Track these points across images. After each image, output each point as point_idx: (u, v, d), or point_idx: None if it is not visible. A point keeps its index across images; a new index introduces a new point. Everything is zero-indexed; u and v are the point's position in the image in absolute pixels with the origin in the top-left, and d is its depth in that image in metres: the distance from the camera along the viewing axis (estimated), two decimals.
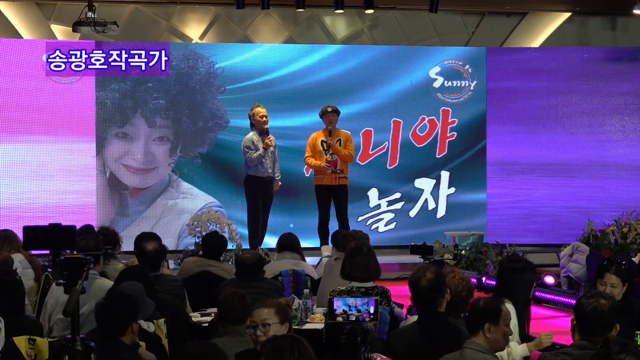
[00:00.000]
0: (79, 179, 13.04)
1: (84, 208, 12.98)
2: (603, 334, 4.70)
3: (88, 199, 13.08)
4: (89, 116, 13.10)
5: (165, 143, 13.40)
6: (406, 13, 14.33)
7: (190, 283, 7.83)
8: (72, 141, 13.02)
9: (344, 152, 11.53)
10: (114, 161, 13.29)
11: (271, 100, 12.83)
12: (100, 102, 13.13)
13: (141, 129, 13.30)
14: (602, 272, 6.08)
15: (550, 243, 13.28)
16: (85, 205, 13.03)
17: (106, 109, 13.17)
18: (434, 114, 13.86)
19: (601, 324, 4.74)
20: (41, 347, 5.47)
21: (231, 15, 13.88)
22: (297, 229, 11.92)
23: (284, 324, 5.11)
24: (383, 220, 13.80)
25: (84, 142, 13.06)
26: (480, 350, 4.75)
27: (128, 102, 13.27)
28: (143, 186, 13.41)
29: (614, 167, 14.10)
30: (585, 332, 4.78)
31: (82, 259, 4.43)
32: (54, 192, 12.95)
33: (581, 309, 4.78)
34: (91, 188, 13.11)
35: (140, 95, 13.30)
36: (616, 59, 14.11)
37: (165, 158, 13.40)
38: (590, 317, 4.74)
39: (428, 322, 5.30)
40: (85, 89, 13.07)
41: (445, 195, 13.92)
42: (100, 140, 13.17)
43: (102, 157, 13.20)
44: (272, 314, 5.10)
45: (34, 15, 13.41)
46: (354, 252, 6.71)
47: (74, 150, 13.03)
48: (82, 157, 13.06)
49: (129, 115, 13.28)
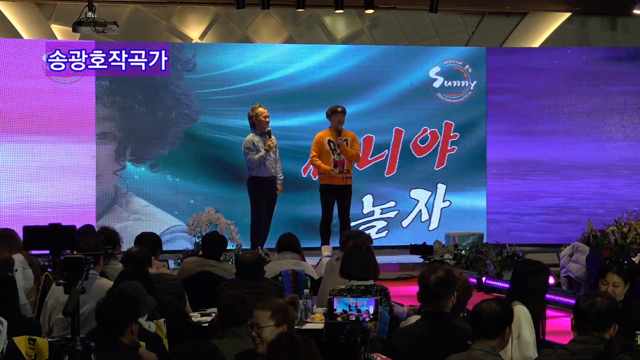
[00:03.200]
0: (79, 179, 13.03)
1: (84, 208, 12.97)
2: (601, 332, 4.75)
3: (88, 199, 13.07)
4: (89, 116, 13.09)
5: (109, 142, 12.84)
6: (406, 13, 14.33)
7: (190, 283, 7.83)
8: (72, 141, 13.01)
9: (351, 152, 11.54)
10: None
11: (271, 100, 12.81)
12: (100, 102, 13.12)
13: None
14: (604, 271, 6.08)
15: (550, 243, 13.28)
16: (85, 205, 13.02)
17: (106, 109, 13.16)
18: (437, 126, 13.85)
19: (598, 322, 4.77)
20: (41, 347, 5.47)
21: (231, 15, 13.87)
22: (297, 229, 11.96)
23: (280, 327, 5.10)
24: (375, 227, 13.77)
25: (84, 142, 13.05)
26: (490, 352, 4.75)
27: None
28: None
29: (614, 167, 14.10)
30: (584, 329, 4.80)
31: (82, 259, 4.44)
32: (54, 192, 12.93)
33: (579, 307, 4.82)
34: (91, 188, 13.09)
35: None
36: (616, 59, 14.11)
37: (109, 163, 12.71)
38: (588, 315, 4.77)
39: (431, 321, 5.30)
40: (85, 89, 13.07)
41: (440, 208, 13.89)
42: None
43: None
44: (266, 318, 5.10)
45: (34, 15, 13.41)
46: (353, 250, 6.72)
47: (74, 150, 13.02)
48: (82, 157, 13.05)
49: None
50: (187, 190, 12.86)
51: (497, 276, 11.24)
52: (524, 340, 5.50)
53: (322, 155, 11.59)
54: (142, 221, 11.98)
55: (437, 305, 5.32)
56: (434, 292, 5.29)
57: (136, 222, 12.04)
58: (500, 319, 4.85)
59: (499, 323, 4.84)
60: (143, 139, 12.40)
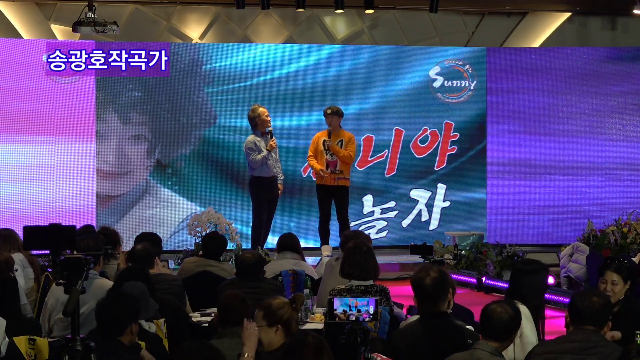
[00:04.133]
0: (79, 179, 13.03)
1: (84, 208, 12.98)
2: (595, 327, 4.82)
3: (88, 199, 13.07)
4: (89, 116, 13.10)
5: (142, 143, 13.12)
6: (406, 13, 14.33)
7: (190, 283, 7.83)
8: (72, 141, 13.01)
9: (343, 152, 11.52)
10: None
11: (271, 100, 12.82)
12: (100, 102, 13.13)
13: (113, 126, 13.00)
14: (603, 269, 6.09)
15: (550, 243, 13.28)
16: (85, 205, 13.02)
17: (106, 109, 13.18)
18: (437, 126, 13.85)
19: (593, 319, 4.81)
20: (41, 347, 5.46)
21: (231, 15, 13.87)
22: (297, 229, 11.96)
23: (273, 327, 5.11)
24: (375, 227, 13.77)
25: (84, 142, 13.05)
26: (493, 353, 4.74)
27: (98, 94, 12.85)
28: (115, 194, 12.96)
29: (614, 167, 14.10)
30: (578, 323, 4.85)
31: (82, 259, 4.44)
32: (54, 192, 12.94)
33: (574, 304, 4.87)
34: (91, 188, 13.10)
35: (113, 86, 12.84)
36: (616, 59, 14.11)
37: (142, 160, 13.07)
38: (582, 312, 4.82)
39: (430, 321, 5.30)
40: (85, 89, 13.07)
41: (440, 208, 13.90)
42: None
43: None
44: (259, 318, 5.12)
45: (34, 15, 13.41)
46: (353, 251, 6.71)
47: (74, 150, 13.02)
48: (82, 157, 13.05)
49: (99, 109, 12.81)
50: (205, 183, 13.25)
51: (497, 276, 11.25)
52: (527, 340, 5.49)
53: (317, 155, 11.61)
54: (168, 208, 12.93)
55: (436, 306, 5.32)
56: (432, 294, 5.28)
57: (163, 209, 12.96)
58: (513, 323, 4.85)
59: (510, 327, 4.84)
60: (169, 140, 13.07)
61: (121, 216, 13.01)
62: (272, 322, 5.11)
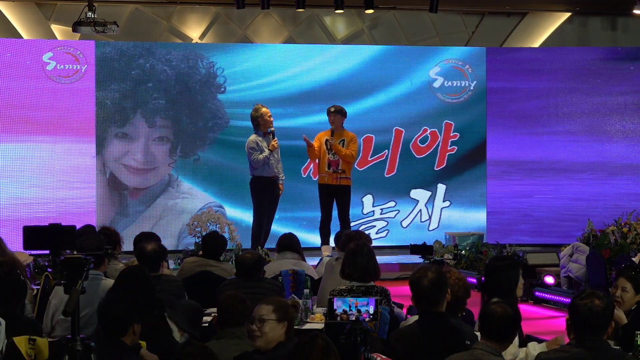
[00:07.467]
0: (79, 179, 13.05)
1: (84, 208, 12.99)
2: (598, 333, 4.73)
3: (88, 198, 13.08)
4: (89, 116, 13.11)
5: (165, 143, 13.47)
6: (406, 13, 14.33)
7: (190, 283, 7.83)
8: (72, 141, 13.03)
9: (344, 151, 11.54)
10: (114, 161, 13.35)
11: (271, 100, 12.82)
12: (100, 102, 13.15)
13: (141, 129, 13.35)
14: (618, 275, 6.09)
15: (550, 243, 13.28)
16: (85, 205, 13.04)
17: (106, 109, 13.19)
18: (437, 126, 13.86)
19: (596, 324, 4.72)
20: (41, 347, 5.46)
21: (231, 15, 13.88)
22: (296, 229, 11.96)
23: (281, 323, 5.10)
24: (375, 227, 13.78)
25: (84, 142, 13.07)
26: (492, 353, 4.74)
27: (128, 102, 13.31)
28: (143, 186, 13.49)
29: (614, 167, 14.10)
30: (580, 331, 4.77)
31: (82, 259, 4.43)
32: (54, 192, 12.95)
33: (576, 309, 4.75)
34: (91, 188, 13.11)
35: (141, 96, 13.33)
36: (616, 59, 14.11)
37: (165, 158, 13.46)
38: (584, 317, 4.72)
39: (429, 321, 5.29)
40: (85, 89, 13.07)
41: (440, 208, 13.90)
42: (100, 140, 13.18)
43: (102, 157, 13.21)
44: (270, 311, 5.10)
45: (34, 15, 13.41)
46: (354, 252, 6.71)
47: (74, 150, 13.04)
48: (82, 157, 13.07)
49: (129, 115, 13.32)
50: (218, 177, 13.61)
51: None
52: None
53: (320, 154, 11.63)
54: (188, 199, 13.56)
55: (434, 307, 5.32)
56: (430, 296, 5.27)
57: (184, 200, 13.55)
58: (515, 324, 4.84)
59: (512, 328, 4.83)
60: (189, 141, 13.60)
61: (148, 205, 13.50)
62: (281, 317, 5.12)
